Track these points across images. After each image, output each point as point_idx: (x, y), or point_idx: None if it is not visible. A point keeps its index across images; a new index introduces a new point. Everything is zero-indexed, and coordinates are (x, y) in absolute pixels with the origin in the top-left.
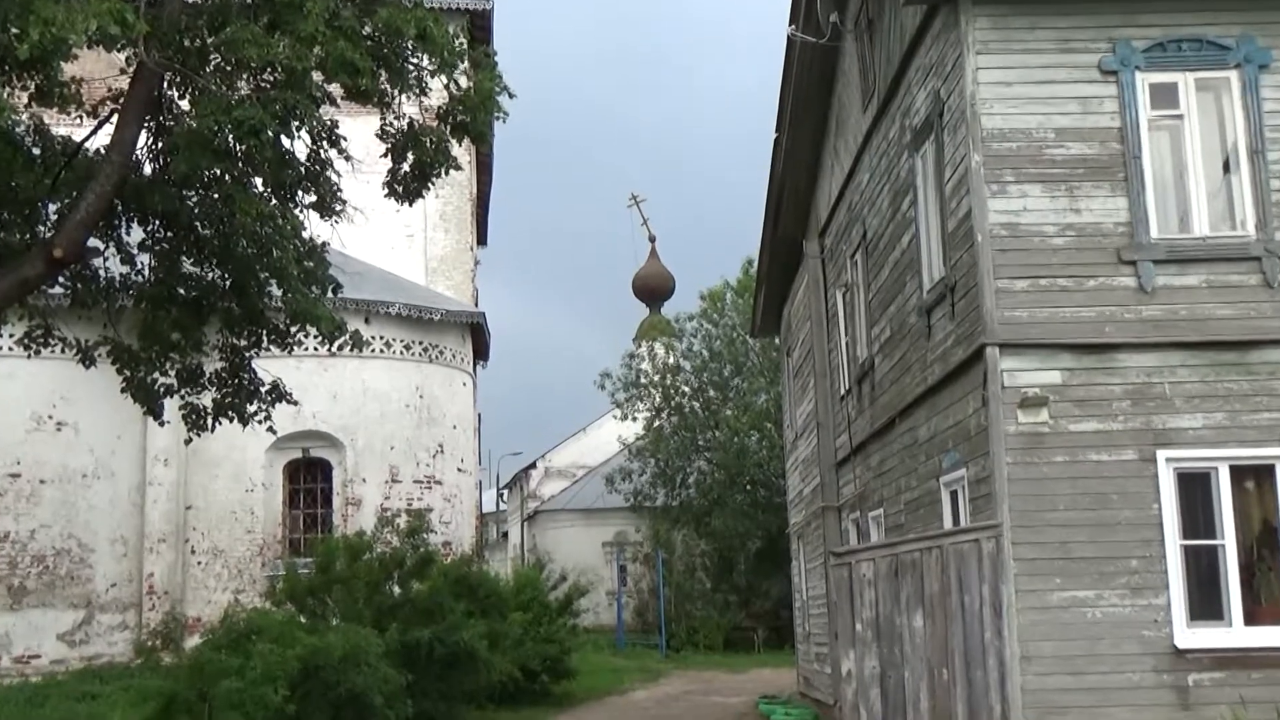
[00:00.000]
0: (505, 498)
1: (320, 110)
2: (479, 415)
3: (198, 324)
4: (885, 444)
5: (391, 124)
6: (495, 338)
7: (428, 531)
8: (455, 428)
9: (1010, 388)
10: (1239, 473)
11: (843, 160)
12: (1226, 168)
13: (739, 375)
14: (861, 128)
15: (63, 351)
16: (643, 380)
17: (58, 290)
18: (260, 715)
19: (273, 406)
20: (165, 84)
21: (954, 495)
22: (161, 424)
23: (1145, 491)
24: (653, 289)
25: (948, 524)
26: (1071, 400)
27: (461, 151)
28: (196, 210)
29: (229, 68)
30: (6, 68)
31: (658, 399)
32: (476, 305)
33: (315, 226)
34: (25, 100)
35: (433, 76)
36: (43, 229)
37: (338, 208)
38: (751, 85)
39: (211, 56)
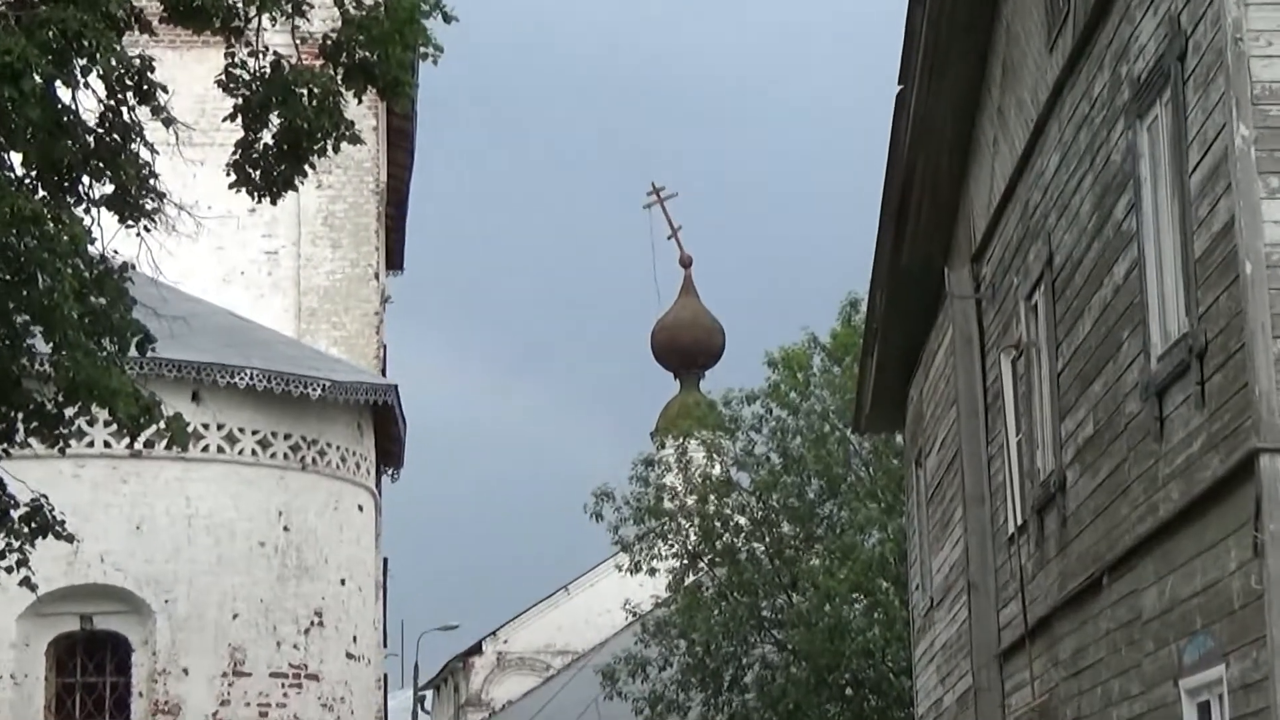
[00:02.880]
0: (429, 703)
1: (124, 41)
2: (385, 562)
3: None
4: (1085, 620)
5: (243, 64)
6: (415, 428)
7: None
8: (344, 582)
9: None
10: None
11: (1013, 133)
12: None
13: (833, 498)
14: (1045, 79)
15: None
16: (667, 504)
17: None
18: None
19: (29, 544)
20: None
21: (1204, 711)
22: None
23: None
24: (685, 347)
25: None
26: None
27: (363, 113)
28: None
29: None
30: None
31: (692, 537)
32: (384, 372)
33: (112, 237)
34: None
35: None
36: None
37: (149, 205)
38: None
39: None
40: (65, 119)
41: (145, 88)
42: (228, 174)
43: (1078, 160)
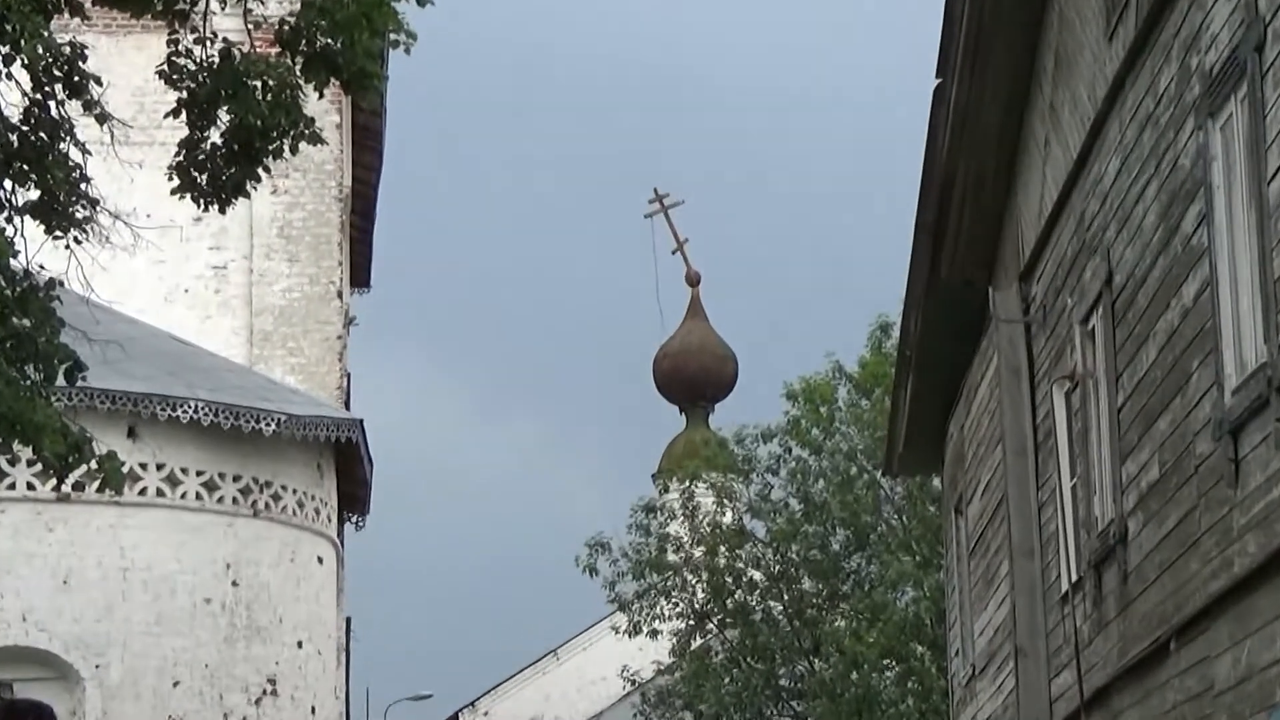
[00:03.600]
0: None
1: (52, 26)
2: (348, 622)
3: None
4: (1149, 691)
5: (188, 53)
6: (384, 469)
7: None
8: (301, 645)
9: None
10: None
11: (1066, 134)
12: None
13: (861, 551)
14: (1104, 72)
15: None
16: (671, 556)
17: None
18: None
19: None
20: None
21: None
22: None
23: None
24: (692, 376)
25: None
26: None
27: (325, 109)
28: None
29: None
30: None
31: (700, 594)
32: (347, 405)
33: (38, 250)
34: None
35: None
36: None
37: (80, 213)
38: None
39: None
40: None
41: (76, 79)
42: (170, 178)
43: (1141, 164)
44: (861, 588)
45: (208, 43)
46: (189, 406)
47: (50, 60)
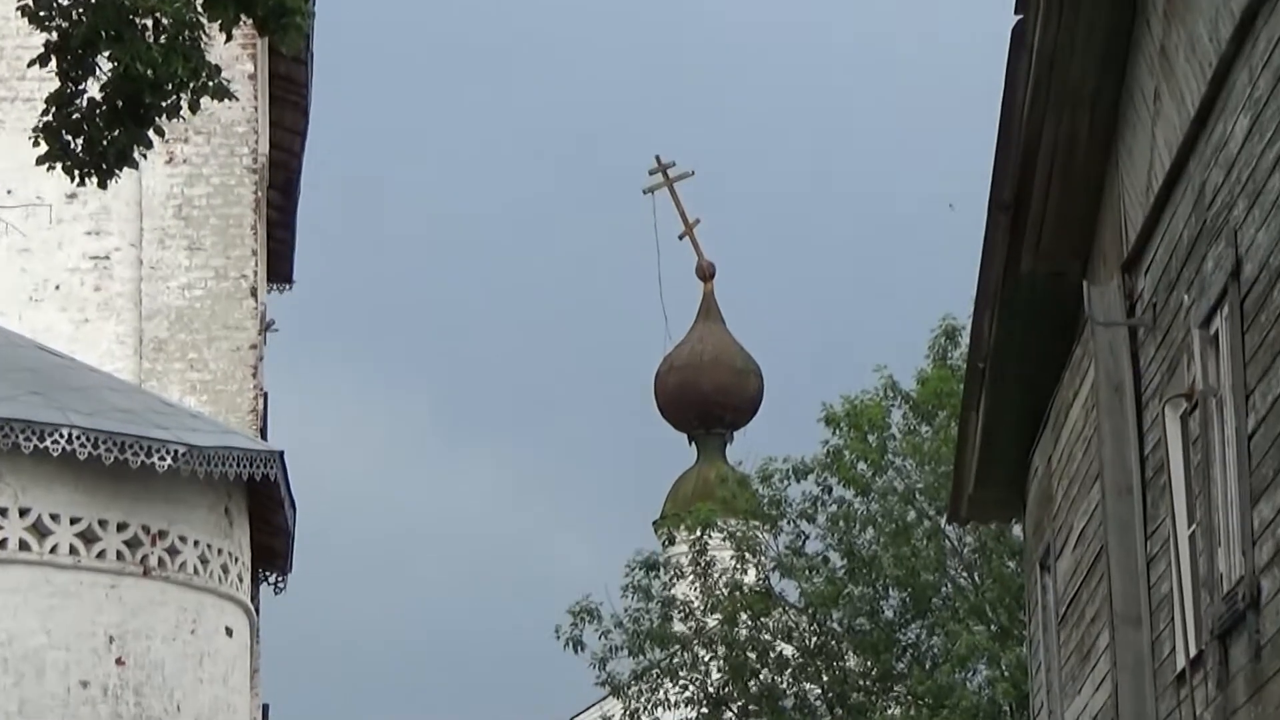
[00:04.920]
0: None
1: None
2: (265, 710)
3: None
4: None
5: None
6: (311, 514)
7: None
8: None
9: None
10: None
11: (1182, 85)
12: None
13: (921, 618)
14: (1229, 6)
15: None
16: (678, 626)
17: None
18: None
19: None
20: None
21: None
22: None
23: None
24: (706, 396)
25: None
26: None
27: (235, 55)
28: None
29: None
30: None
31: (715, 674)
32: (264, 433)
33: None
34: None
35: None
36: None
37: None
38: None
39: None
40: None
41: None
42: (36, 143)
43: (1278, 124)
44: (921, 665)
45: None
46: (60, 435)
47: None
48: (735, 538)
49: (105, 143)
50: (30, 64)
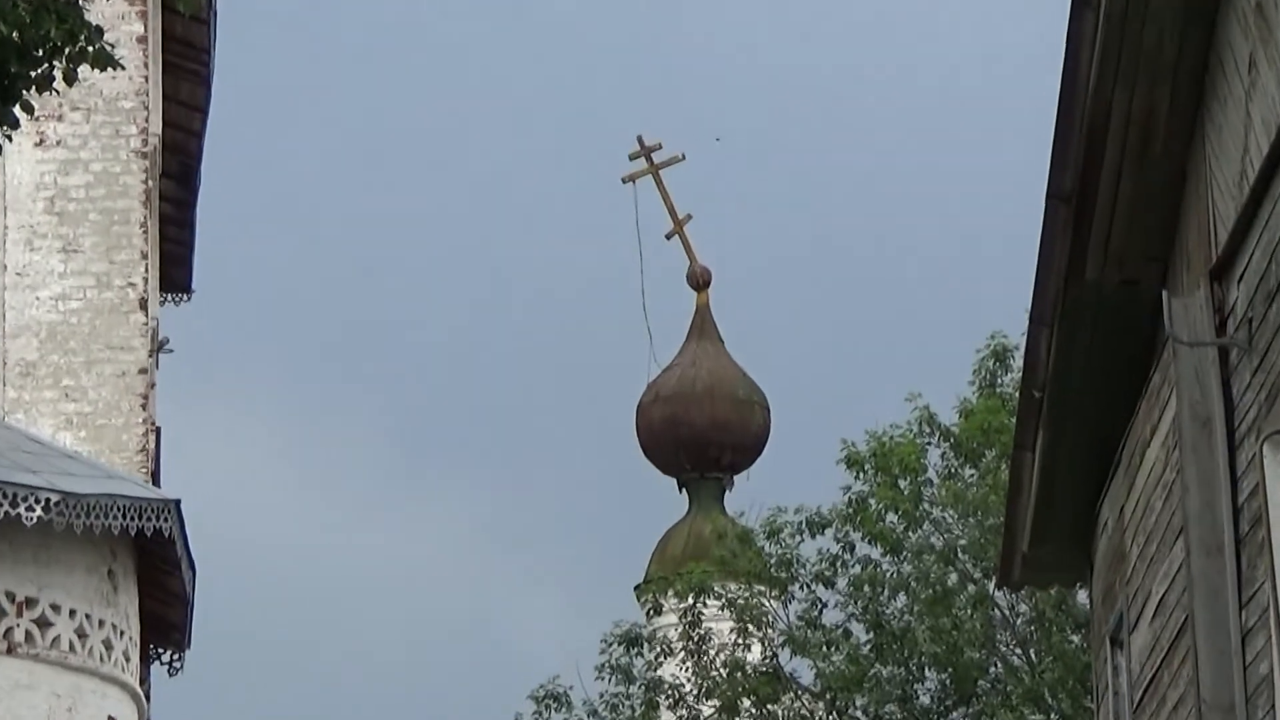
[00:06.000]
0: None
1: None
2: None
3: None
4: None
5: None
6: (215, 577)
7: None
8: None
9: None
10: None
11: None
12: None
13: (965, 704)
14: None
15: None
16: (666, 714)
17: None
18: None
19: None
20: None
21: None
22: None
23: None
24: (699, 432)
25: None
26: None
27: (121, 12)
28: None
29: None
30: None
31: None
32: (155, 478)
33: None
34: None
35: None
36: None
37: None
38: None
39: None
40: None
41: None
42: None
43: None
44: None
45: None
46: None
47: None
48: (736, 606)
49: None
50: None
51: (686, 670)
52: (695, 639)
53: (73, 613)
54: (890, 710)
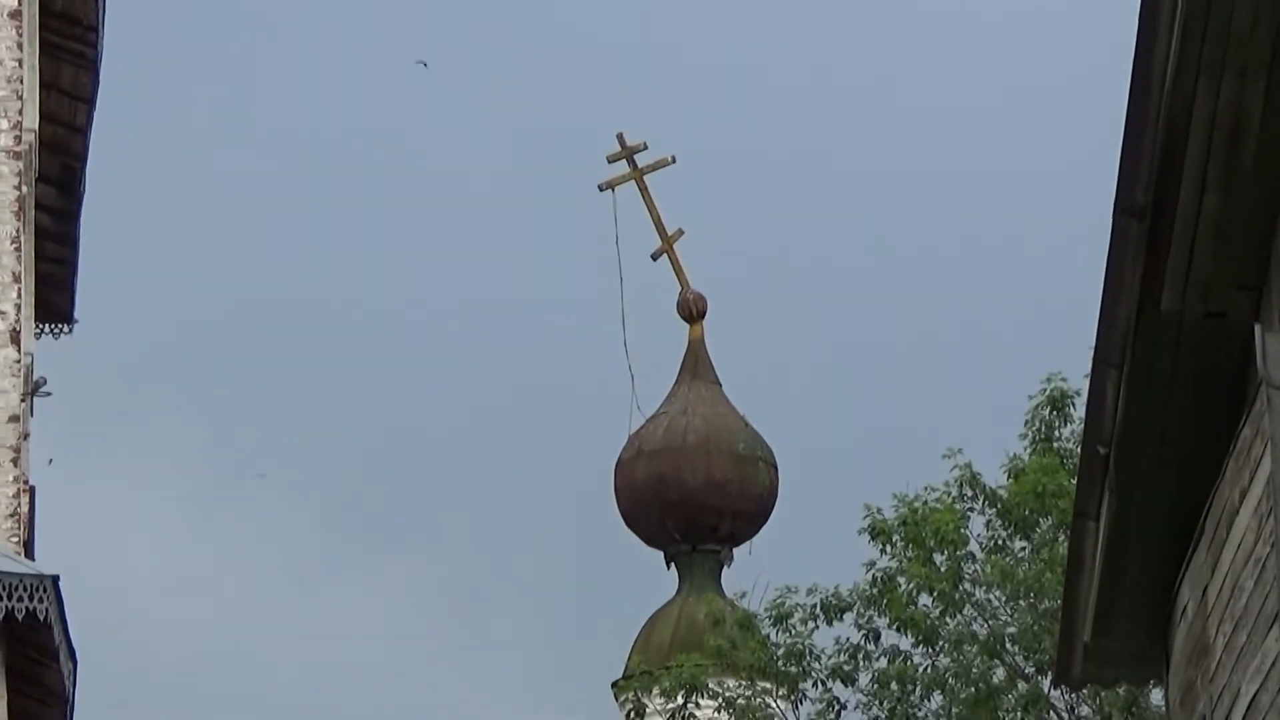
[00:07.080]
0: None
1: None
2: None
3: None
4: None
5: None
6: (98, 666)
7: None
8: None
9: None
10: None
11: None
12: None
13: None
14: None
15: None
16: None
17: None
18: None
19: None
20: None
21: None
22: None
23: None
24: (690, 495)
25: None
26: None
27: None
28: None
29: None
30: None
31: None
32: (28, 548)
33: None
34: None
35: None
36: None
37: None
38: None
39: None
40: None
41: None
42: None
43: None
44: None
45: None
46: None
47: None
48: (735, 707)
49: None
50: None
51: None
52: None
53: None
54: None
